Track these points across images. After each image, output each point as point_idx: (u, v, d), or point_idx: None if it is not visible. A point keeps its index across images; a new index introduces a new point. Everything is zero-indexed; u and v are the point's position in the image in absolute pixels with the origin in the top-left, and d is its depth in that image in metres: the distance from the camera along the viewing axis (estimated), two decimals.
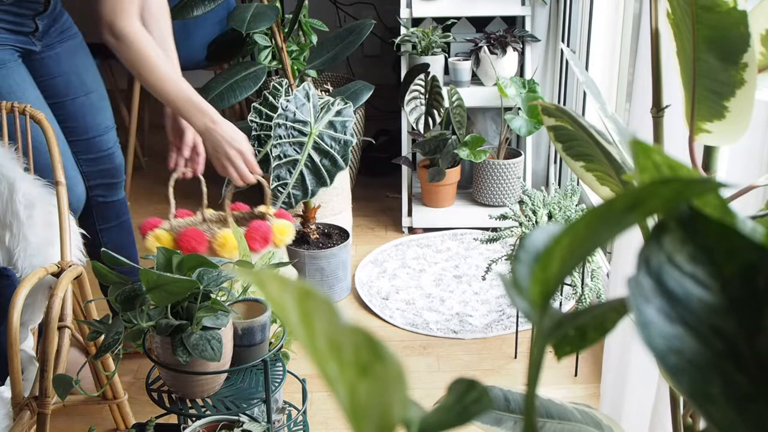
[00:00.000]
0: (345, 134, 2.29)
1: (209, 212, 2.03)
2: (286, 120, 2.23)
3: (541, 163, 3.23)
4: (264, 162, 2.26)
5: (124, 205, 2.17)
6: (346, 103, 2.32)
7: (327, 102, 2.32)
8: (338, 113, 2.31)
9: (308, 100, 2.28)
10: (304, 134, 2.25)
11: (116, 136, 2.12)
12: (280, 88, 2.41)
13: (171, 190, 1.89)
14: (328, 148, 2.27)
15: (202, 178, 1.97)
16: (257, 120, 2.38)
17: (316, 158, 2.26)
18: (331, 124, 2.27)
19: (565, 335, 0.52)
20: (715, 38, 0.74)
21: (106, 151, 2.08)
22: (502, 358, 2.30)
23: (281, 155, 2.22)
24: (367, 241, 2.99)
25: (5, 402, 1.48)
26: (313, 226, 2.55)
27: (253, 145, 2.34)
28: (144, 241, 1.89)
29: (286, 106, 2.24)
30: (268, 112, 2.35)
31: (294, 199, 2.24)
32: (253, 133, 2.37)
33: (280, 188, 2.22)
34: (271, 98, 2.38)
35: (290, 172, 2.24)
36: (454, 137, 2.96)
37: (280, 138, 2.22)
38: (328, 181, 2.27)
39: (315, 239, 2.57)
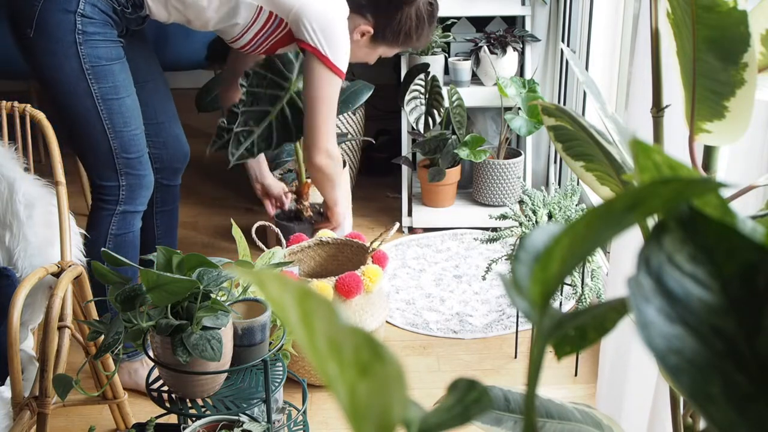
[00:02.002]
0: None
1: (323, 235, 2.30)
2: (268, 70, 2.22)
3: (541, 163, 3.23)
4: (267, 136, 2.27)
5: (178, 191, 2.31)
6: None
7: None
8: None
9: (297, 59, 2.26)
10: (282, 88, 2.23)
11: (180, 124, 2.25)
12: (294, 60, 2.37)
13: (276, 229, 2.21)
14: (302, 106, 2.22)
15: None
16: (257, 89, 2.28)
17: (288, 115, 2.24)
18: None
19: (565, 335, 0.52)
20: (715, 38, 0.74)
21: (175, 136, 2.21)
22: (502, 358, 2.30)
23: (253, 101, 2.20)
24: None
25: (5, 402, 1.48)
26: (306, 203, 2.54)
27: (250, 106, 2.26)
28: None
29: (273, 61, 2.23)
30: (275, 77, 2.31)
31: (257, 148, 2.21)
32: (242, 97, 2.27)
33: (244, 134, 2.19)
34: (278, 62, 2.34)
35: (258, 124, 2.21)
36: (454, 137, 2.96)
37: (256, 86, 2.20)
38: (295, 137, 2.26)
39: (308, 217, 2.56)
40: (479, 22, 3.20)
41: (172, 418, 1.63)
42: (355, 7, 2.04)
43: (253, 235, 2.09)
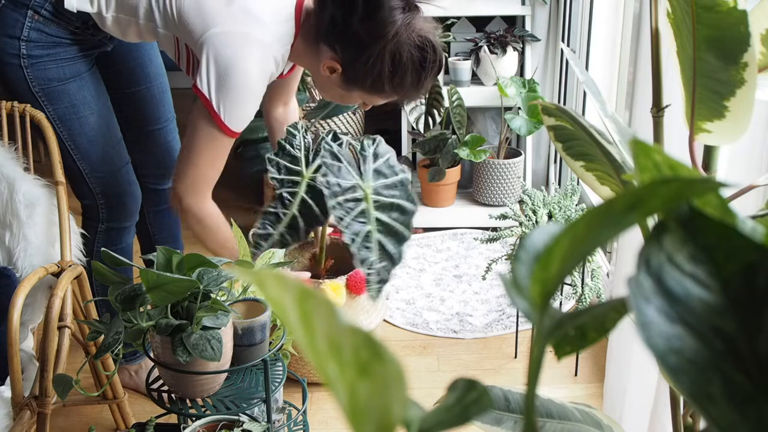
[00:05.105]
0: (396, 174, 1.90)
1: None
2: (336, 197, 1.80)
3: (541, 163, 3.23)
4: (292, 227, 1.91)
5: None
6: (373, 140, 1.95)
7: (357, 149, 1.94)
8: (376, 156, 1.93)
9: (339, 160, 1.87)
10: (359, 200, 1.84)
11: (176, 128, 2.10)
12: (295, 132, 1.98)
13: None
14: (389, 200, 1.87)
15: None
16: (278, 176, 1.92)
17: (384, 217, 1.85)
18: (378, 173, 1.90)
19: (565, 335, 0.52)
20: (715, 38, 0.74)
21: (164, 144, 2.07)
22: (502, 358, 2.30)
23: (353, 237, 1.80)
24: None
25: (5, 402, 1.48)
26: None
27: (275, 207, 1.91)
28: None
29: (328, 182, 1.81)
30: (288, 164, 1.92)
31: (387, 272, 1.83)
32: (276, 191, 1.92)
33: (369, 271, 1.81)
34: (288, 146, 1.94)
35: (368, 248, 1.82)
36: (454, 137, 2.96)
37: (341, 219, 1.80)
38: (406, 233, 1.85)
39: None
40: (479, 22, 3.20)
41: (172, 418, 1.63)
42: (324, 36, 1.65)
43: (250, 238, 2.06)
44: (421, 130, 2.98)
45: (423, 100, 2.97)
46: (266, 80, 1.67)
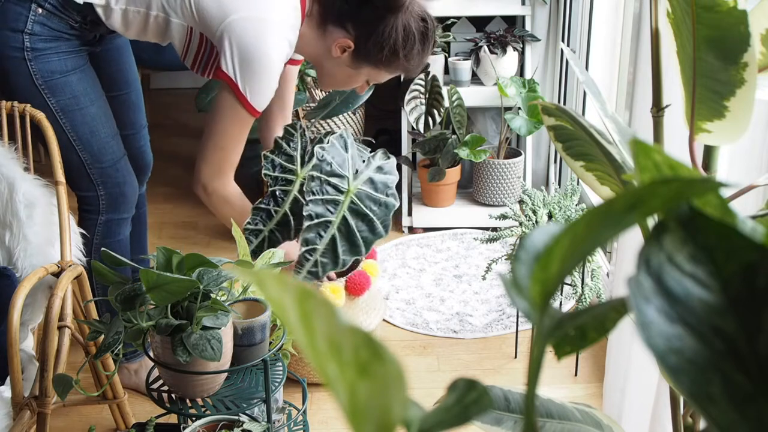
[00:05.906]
0: (386, 195, 1.90)
1: None
2: (321, 172, 1.83)
3: (541, 163, 3.23)
4: (284, 224, 1.94)
5: (143, 198, 2.23)
6: (388, 157, 1.95)
7: (365, 154, 1.96)
8: (380, 169, 1.93)
9: (346, 150, 1.89)
10: (340, 191, 1.85)
11: (148, 136, 2.18)
12: (293, 131, 1.97)
13: None
14: (366, 211, 1.87)
15: None
16: (272, 173, 1.94)
17: (352, 222, 1.85)
18: (372, 182, 1.90)
19: (565, 335, 0.52)
20: (715, 38, 0.74)
21: (138, 149, 2.14)
22: (502, 358, 2.30)
23: (312, 215, 1.83)
24: None
25: (5, 402, 1.48)
26: None
27: (268, 204, 1.93)
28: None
29: (323, 156, 1.84)
30: (283, 162, 1.94)
31: (322, 269, 1.86)
32: (269, 188, 1.95)
33: (307, 254, 1.84)
34: (285, 145, 1.96)
35: (320, 236, 1.84)
36: (454, 137, 2.96)
37: (313, 194, 1.83)
38: (363, 249, 1.86)
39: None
40: (479, 22, 3.20)
41: (172, 418, 1.63)
42: (335, 16, 1.78)
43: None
44: (421, 130, 2.98)
45: (423, 100, 2.97)
46: (284, 61, 1.78)
